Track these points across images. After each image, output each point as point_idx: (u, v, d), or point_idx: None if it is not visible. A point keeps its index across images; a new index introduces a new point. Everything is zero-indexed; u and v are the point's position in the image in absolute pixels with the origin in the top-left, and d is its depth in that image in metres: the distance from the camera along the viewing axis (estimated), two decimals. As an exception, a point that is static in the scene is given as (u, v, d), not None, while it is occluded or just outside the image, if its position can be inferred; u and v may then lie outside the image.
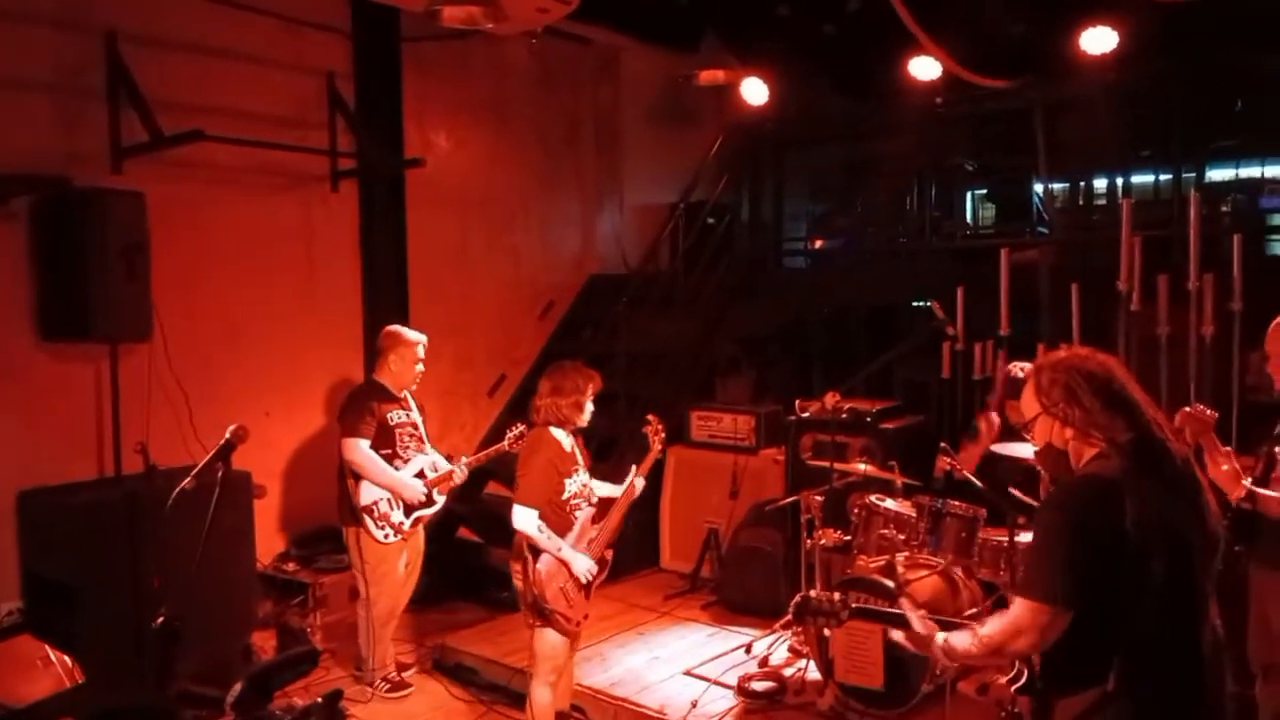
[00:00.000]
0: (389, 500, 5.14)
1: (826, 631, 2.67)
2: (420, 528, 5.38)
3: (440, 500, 5.33)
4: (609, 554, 4.43)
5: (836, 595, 2.60)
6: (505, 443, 5.18)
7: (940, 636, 2.51)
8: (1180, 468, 2.41)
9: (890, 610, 2.74)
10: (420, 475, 5.25)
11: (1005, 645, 2.37)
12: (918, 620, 2.53)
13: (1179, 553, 2.33)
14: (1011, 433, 4.68)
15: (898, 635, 2.58)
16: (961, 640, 2.48)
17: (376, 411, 5.17)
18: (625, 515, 4.49)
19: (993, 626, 2.41)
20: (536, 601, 4.17)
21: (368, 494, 5.10)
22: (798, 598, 2.65)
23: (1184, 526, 2.35)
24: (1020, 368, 5.22)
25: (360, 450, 5.09)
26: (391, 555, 5.20)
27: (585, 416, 4.36)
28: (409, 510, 5.20)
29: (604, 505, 4.45)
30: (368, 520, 5.09)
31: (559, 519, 4.23)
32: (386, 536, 5.13)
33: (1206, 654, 2.38)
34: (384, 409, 5.20)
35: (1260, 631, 3.73)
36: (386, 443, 5.19)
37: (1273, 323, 3.68)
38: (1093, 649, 2.32)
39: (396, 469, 5.17)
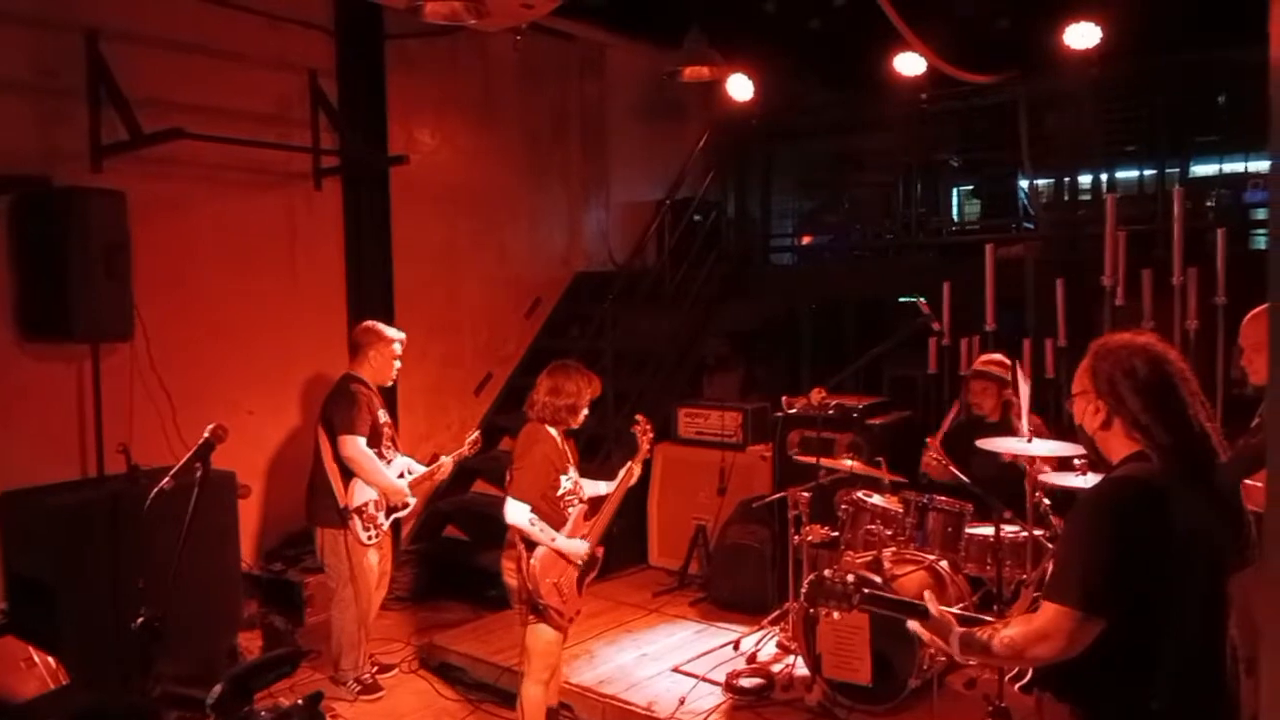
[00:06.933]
0: (376, 501, 5.08)
1: (836, 615, 2.51)
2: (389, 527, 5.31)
3: (413, 500, 5.28)
4: (599, 551, 4.41)
5: (850, 577, 2.47)
6: (466, 446, 5.36)
7: (959, 631, 2.38)
8: (1221, 478, 2.29)
9: (904, 599, 2.62)
10: (400, 476, 5.21)
11: (1027, 650, 2.23)
12: (936, 611, 2.41)
13: (1215, 566, 2.24)
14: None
15: (914, 626, 2.44)
16: (981, 638, 2.34)
17: (371, 407, 5.09)
18: (618, 508, 4.47)
19: (1016, 629, 2.28)
20: (531, 597, 4.14)
21: (360, 494, 5.03)
22: (812, 576, 2.53)
23: (1221, 539, 2.26)
24: (992, 359, 5.25)
25: (360, 448, 4.99)
26: (370, 555, 5.13)
27: (579, 420, 4.35)
28: (389, 511, 5.17)
29: (593, 504, 4.44)
30: (356, 521, 5.01)
31: (554, 514, 4.22)
32: (370, 538, 5.07)
33: (1229, 668, 2.29)
34: (374, 405, 5.12)
35: (1244, 626, 3.74)
36: (374, 441, 5.10)
37: (1246, 316, 3.67)
38: (1126, 661, 2.19)
39: None
